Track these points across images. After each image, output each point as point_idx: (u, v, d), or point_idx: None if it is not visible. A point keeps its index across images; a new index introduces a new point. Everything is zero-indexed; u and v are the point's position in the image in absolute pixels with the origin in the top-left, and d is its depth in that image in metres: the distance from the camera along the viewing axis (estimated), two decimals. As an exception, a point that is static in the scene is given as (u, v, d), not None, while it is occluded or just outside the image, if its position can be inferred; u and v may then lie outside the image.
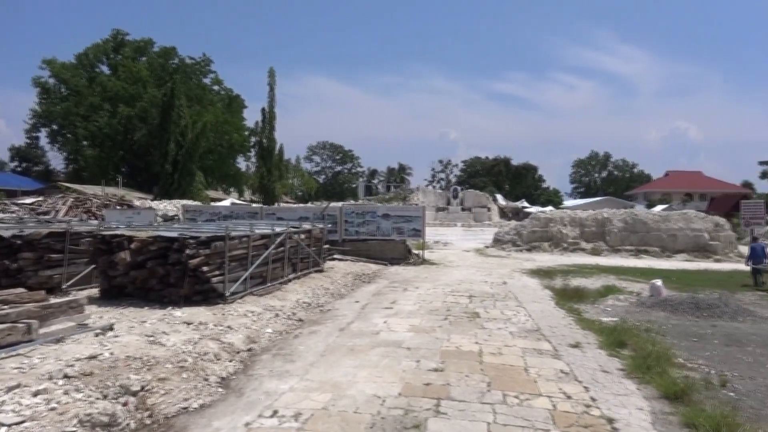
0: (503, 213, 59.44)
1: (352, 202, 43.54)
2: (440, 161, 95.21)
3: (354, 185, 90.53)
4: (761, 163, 78.47)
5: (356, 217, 19.56)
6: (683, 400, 5.38)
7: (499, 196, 65.74)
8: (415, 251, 19.81)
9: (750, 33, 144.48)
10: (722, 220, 25.24)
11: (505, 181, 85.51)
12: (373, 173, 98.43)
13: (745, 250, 19.24)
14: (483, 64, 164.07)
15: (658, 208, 48.35)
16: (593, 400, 5.46)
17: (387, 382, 5.84)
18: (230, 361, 6.56)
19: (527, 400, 5.37)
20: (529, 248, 25.38)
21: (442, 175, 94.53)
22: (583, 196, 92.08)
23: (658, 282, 12.39)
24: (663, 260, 22.95)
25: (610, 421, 4.92)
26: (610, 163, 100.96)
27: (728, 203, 42.52)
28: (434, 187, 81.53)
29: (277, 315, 9.13)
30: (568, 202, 75.10)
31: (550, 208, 54.02)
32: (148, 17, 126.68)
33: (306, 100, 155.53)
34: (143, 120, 47.93)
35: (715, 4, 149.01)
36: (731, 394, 5.82)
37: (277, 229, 12.10)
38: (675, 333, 8.82)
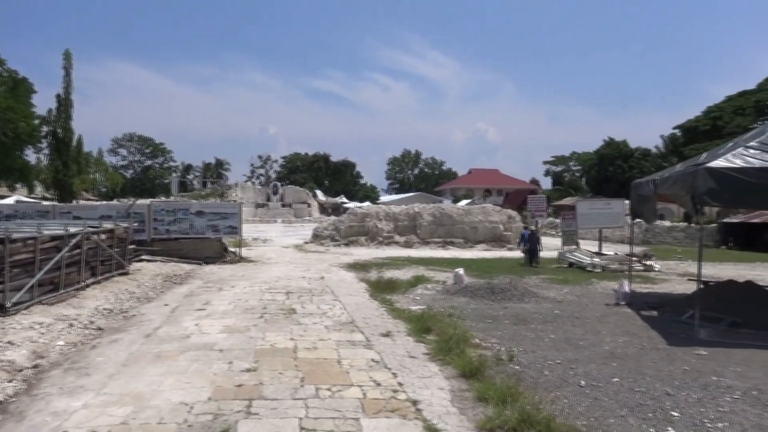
0: (323, 209, 60.31)
1: (163, 198, 40.80)
2: (260, 157, 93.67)
3: (167, 181, 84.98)
4: (545, 162, 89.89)
5: (167, 215, 18.39)
6: (477, 377, 5.92)
7: (319, 192, 66.57)
8: (232, 249, 19.23)
9: (536, 45, 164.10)
10: (514, 213, 28.40)
11: (325, 177, 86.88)
12: (188, 168, 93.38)
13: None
14: (303, 60, 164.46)
15: (463, 202, 52.82)
16: (400, 384, 5.77)
17: (196, 387, 5.58)
18: (9, 381, 5.75)
19: (339, 392, 5.50)
20: (347, 243, 26.08)
21: (262, 171, 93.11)
22: (398, 191, 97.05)
23: (461, 271, 13.52)
24: (466, 250, 25.13)
25: (415, 402, 5.24)
26: (421, 161, 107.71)
27: (520, 198, 48.02)
28: (254, 183, 79.77)
29: (71, 325, 8.22)
30: (385, 198, 78.68)
31: (367, 203, 55.98)
32: None
33: (110, 87, 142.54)
34: None
35: (508, 21, 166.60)
36: (517, 367, 6.55)
37: (72, 230, 10.88)
38: (473, 316, 9.70)
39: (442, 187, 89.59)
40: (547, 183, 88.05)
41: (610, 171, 62.61)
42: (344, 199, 65.68)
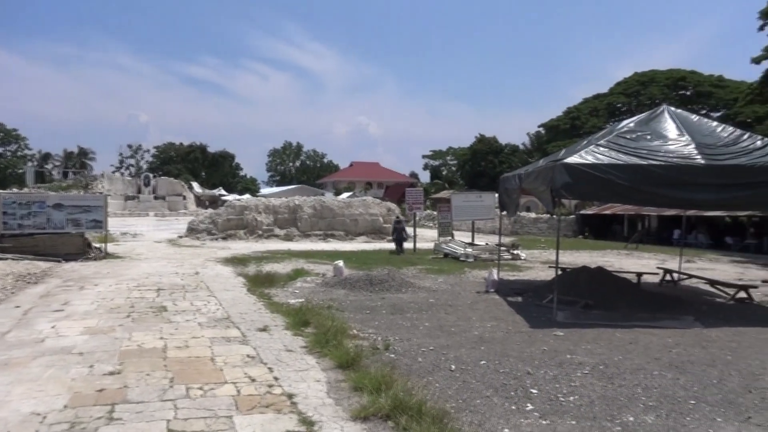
0: (200, 201, 57.96)
1: (16, 190, 36.92)
2: (129, 146, 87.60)
3: (21, 171, 76.85)
4: (424, 156, 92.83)
5: (19, 208, 16.67)
6: (354, 367, 6.00)
7: (195, 184, 63.76)
8: (97, 245, 17.87)
9: (415, 41, 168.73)
10: (393, 206, 29.09)
11: (202, 168, 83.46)
12: (46, 157, 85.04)
13: (417, 230, 22.62)
14: (176, 45, 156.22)
15: (344, 195, 53.19)
16: (276, 379, 5.70)
17: (51, 395, 5.12)
18: None
19: (212, 390, 5.32)
20: (224, 236, 25.27)
21: (132, 161, 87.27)
22: (279, 184, 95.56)
23: (340, 263, 13.61)
24: (347, 242, 25.36)
25: (290, 396, 5.20)
26: (303, 153, 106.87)
27: (399, 191, 49.33)
28: (123, 174, 74.67)
29: None
30: (265, 190, 77.12)
31: (247, 196, 54.61)
32: None
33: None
34: None
35: (388, 16, 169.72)
36: (392, 355, 6.73)
37: None
38: (352, 308, 9.82)
39: (324, 180, 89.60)
40: (425, 176, 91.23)
41: (482, 166, 66.08)
42: (222, 192, 63.46)
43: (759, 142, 9.79)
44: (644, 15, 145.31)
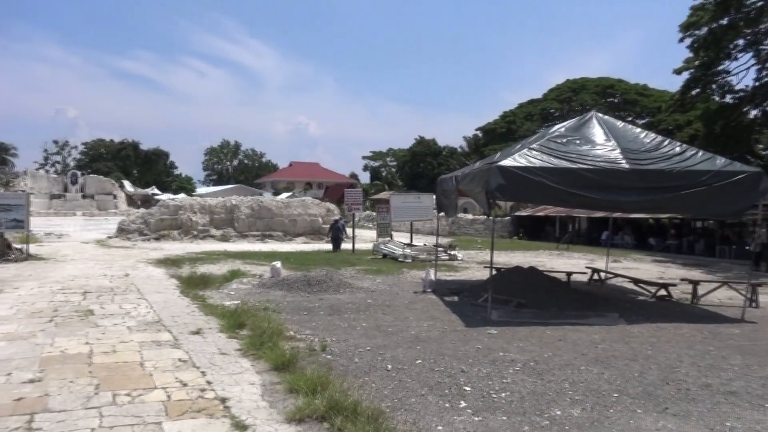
0: (132, 201, 55.90)
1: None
2: (56, 142, 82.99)
3: (-68, 167, 71.66)
4: (364, 157, 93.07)
5: (-72, 207, 15.54)
6: (290, 369, 5.94)
7: (126, 183, 61.37)
8: (18, 246, 16.89)
9: (355, 42, 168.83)
10: (333, 206, 29.00)
11: (134, 166, 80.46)
12: (-38, 153, 79.71)
13: (357, 231, 22.66)
14: (107, 37, 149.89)
15: (283, 195, 52.57)
16: (209, 383, 5.56)
17: (-38, 406, 4.81)
18: None
19: (140, 396, 5.14)
20: (157, 237, 24.47)
21: (58, 158, 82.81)
22: (216, 183, 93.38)
23: (278, 264, 13.44)
24: (285, 243, 25.09)
25: (224, 400, 5.09)
26: (241, 152, 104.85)
27: (339, 191, 49.19)
28: (48, 171, 70.83)
29: None
30: (202, 190, 75.22)
31: (182, 195, 53.12)
32: None
33: None
34: None
35: (327, 16, 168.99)
36: (329, 356, 6.71)
37: None
38: (289, 309, 9.72)
39: (263, 180, 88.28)
40: (366, 177, 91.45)
41: (421, 167, 66.94)
42: (156, 191, 61.34)
43: (678, 149, 10.37)
44: (577, 25, 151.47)
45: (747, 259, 16.31)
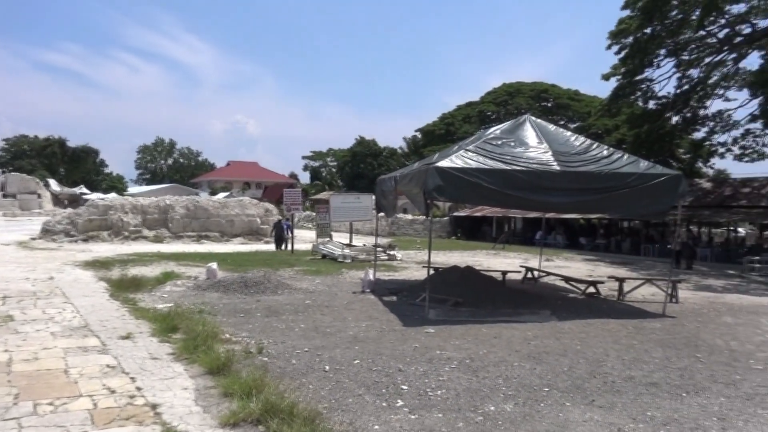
0: (58, 200, 53.26)
1: None
2: (-28, 138, 78.01)
3: None
4: (304, 157, 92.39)
5: None
6: (224, 372, 5.81)
7: (52, 182, 58.34)
8: (-71, 248, 15.77)
9: (296, 42, 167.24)
10: (271, 206, 28.61)
11: (61, 164, 76.64)
12: None
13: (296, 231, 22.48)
14: (29, 27, 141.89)
15: (221, 195, 51.43)
16: (139, 389, 5.37)
17: None
18: None
19: (64, 405, 4.90)
20: (85, 239, 23.42)
21: (-24, 155, 77.80)
22: (149, 183, 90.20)
23: (214, 265, 13.14)
24: (222, 244, 24.56)
25: (154, 406, 4.93)
26: (176, 151, 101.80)
27: (278, 191, 48.54)
28: (-37, 168, 66.36)
29: None
30: (134, 189, 72.47)
31: (113, 194, 51.09)
32: None
33: None
34: None
35: (265, 12, 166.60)
36: (265, 359, 6.61)
37: None
38: (225, 311, 9.52)
39: (199, 179, 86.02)
40: (306, 177, 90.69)
41: (362, 168, 67.03)
42: (85, 190, 58.59)
43: (605, 152, 10.85)
44: (515, 31, 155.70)
45: (669, 257, 17.26)
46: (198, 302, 10.18)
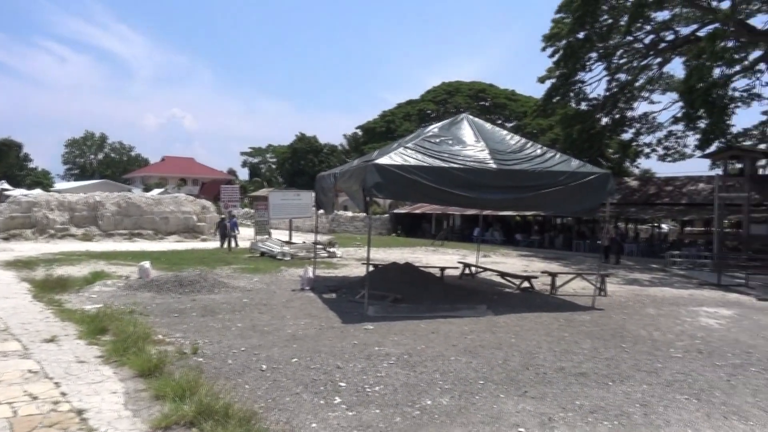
0: (-25, 196, 50.00)
1: None
2: None
3: None
4: (243, 153, 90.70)
5: None
6: (156, 375, 5.63)
7: (-31, 177, 54.71)
8: None
9: (234, 35, 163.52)
10: (209, 203, 27.91)
11: (-21, 158, 71.98)
12: None
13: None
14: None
15: (155, 192, 49.64)
16: (64, 395, 5.12)
17: None
18: None
19: (-20, 414, 4.62)
20: (6, 237, 22.17)
21: None
22: (78, 178, 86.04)
23: (146, 264, 12.70)
24: (156, 242, 23.78)
25: (80, 412, 4.71)
26: (107, 145, 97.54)
27: (216, 188, 47.41)
28: None
29: None
30: (61, 185, 68.90)
31: (38, 190, 48.39)
32: None
33: None
34: None
35: (202, 5, 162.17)
36: (200, 359, 6.44)
37: None
38: (159, 311, 9.22)
39: (132, 175, 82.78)
40: (244, 174, 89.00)
41: (302, 164, 66.49)
42: (6, 186, 55.15)
43: (539, 150, 11.19)
44: (454, 30, 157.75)
45: (598, 253, 18.02)
46: (129, 302, 9.82)
